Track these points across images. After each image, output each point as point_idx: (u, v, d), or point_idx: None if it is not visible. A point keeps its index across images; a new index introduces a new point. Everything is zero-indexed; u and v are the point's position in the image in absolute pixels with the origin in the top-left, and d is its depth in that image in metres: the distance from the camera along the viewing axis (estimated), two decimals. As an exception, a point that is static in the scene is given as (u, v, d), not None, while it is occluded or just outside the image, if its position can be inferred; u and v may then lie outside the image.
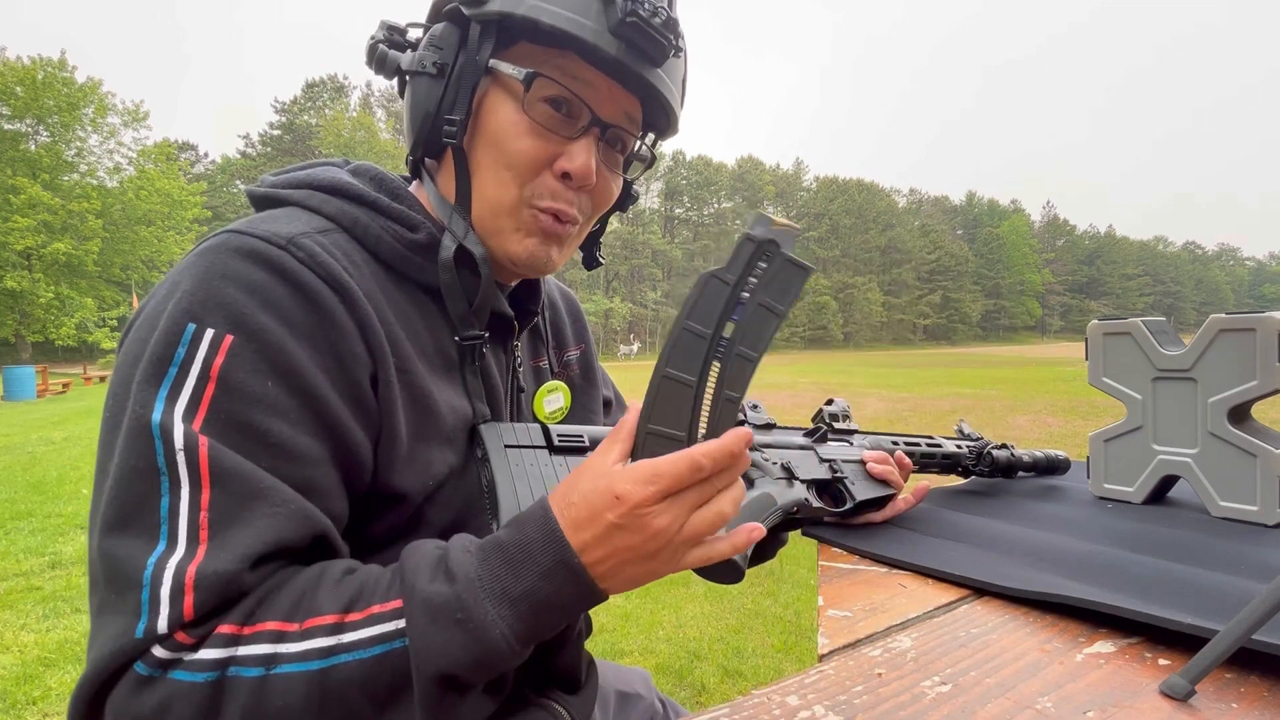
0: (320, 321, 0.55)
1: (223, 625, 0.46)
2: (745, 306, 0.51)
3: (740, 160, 68.18)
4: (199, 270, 0.53)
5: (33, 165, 26.57)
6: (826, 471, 0.81)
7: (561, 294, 0.93)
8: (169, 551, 0.46)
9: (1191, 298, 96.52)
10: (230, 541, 0.47)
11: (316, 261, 0.56)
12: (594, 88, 0.63)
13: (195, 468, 0.48)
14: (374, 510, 0.60)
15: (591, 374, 0.89)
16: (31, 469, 6.15)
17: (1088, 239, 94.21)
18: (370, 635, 0.46)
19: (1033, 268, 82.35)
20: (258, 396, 0.51)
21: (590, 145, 0.64)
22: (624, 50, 0.60)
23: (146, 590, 0.45)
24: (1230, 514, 0.89)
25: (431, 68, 0.62)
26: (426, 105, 0.62)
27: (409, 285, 0.65)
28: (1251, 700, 0.49)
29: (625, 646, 2.68)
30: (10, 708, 2.24)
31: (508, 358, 0.74)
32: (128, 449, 0.49)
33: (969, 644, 0.58)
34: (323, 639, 0.46)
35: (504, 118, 0.63)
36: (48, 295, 25.46)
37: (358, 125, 43.11)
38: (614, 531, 0.48)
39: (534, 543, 0.48)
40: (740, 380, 0.52)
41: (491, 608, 0.46)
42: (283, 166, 0.71)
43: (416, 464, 0.60)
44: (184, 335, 0.51)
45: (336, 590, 0.49)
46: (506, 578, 0.48)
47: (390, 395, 0.59)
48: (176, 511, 0.47)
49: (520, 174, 0.63)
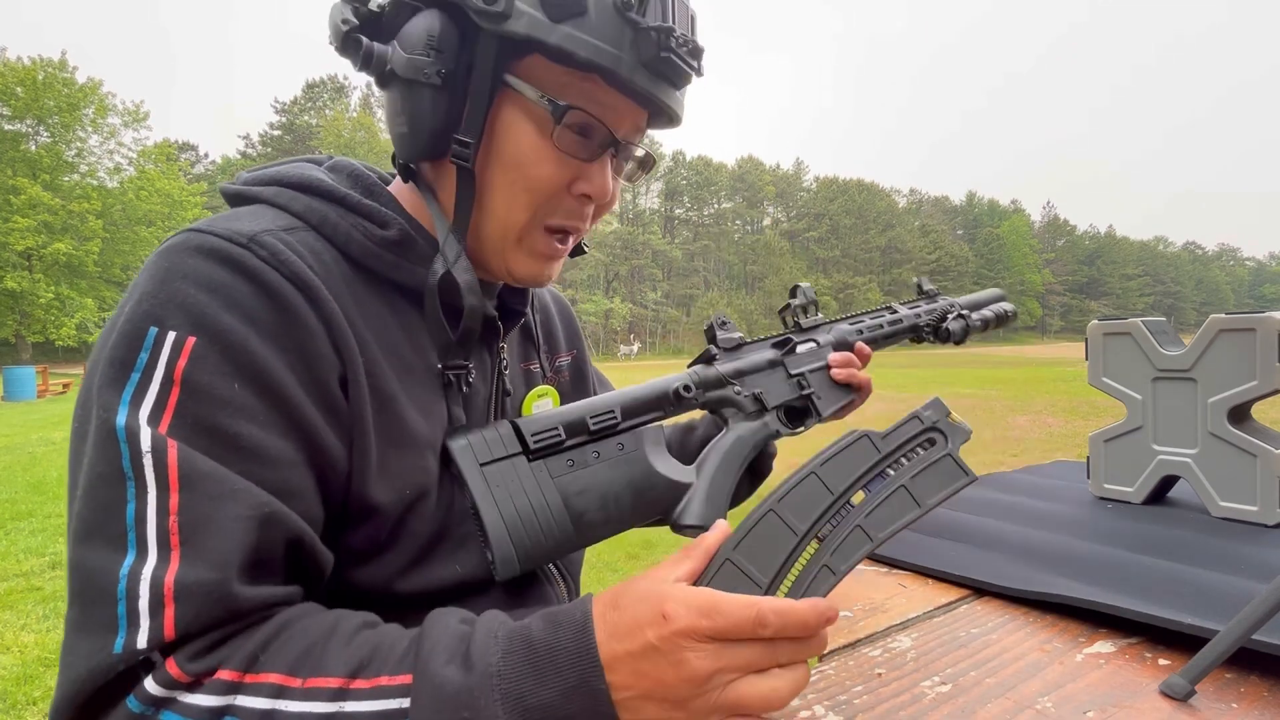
0: (285, 320, 0.53)
1: (224, 670, 0.44)
2: (886, 483, 0.49)
3: (740, 160, 68.17)
4: (159, 271, 0.51)
5: (33, 165, 26.58)
6: (795, 389, 0.82)
7: (554, 298, 0.91)
8: (141, 560, 0.44)
9: (1191, 298, 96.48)
10: (205, 548, 0.45)
11: (279, 259, 0.54)
12: (615, 111, 0.61)
13: (163, 471, 0.46)
14: (351, 522, 0.57)
15: (583, 382, 0.88)
16: (32, 469, 6.16)
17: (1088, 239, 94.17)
18: (373, 710, 0.43)
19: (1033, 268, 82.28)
20: (225, 399, 0.49)
21: (606, 164, 0.63)
22: (652, 81, 0.59)
23: (123, 604, 0.43)
24: (1230, 514, 0.89)
25: (436, 77, 0.56)
26: (430, 121, 0.58)
27: (381, 284, 0.62)
28: (1251, 700, 0.49)
29: (625, 647, 2.67)
30: (10, 708, 2.24)
31: (493, 359, 0.72)
32: (95, 455, 0.47)
33: (969, 644, 0.58)
34: (324, 704, 0.43)
35: (526, 144, 0.60)
36: (48, 295, 25.46)
37: (358, 126, 43.12)
38: (649, 654, 0.43)
39: (564, 652, 0.44)
40: (849, 556, 0.48)
41: (502, 712, 0.42)
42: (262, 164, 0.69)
43: (389, 473, 0.58)
44: (146, 338, 0.49)
45: (348, 649, 0.46)
46: (526, 682, 0.43)
47: (360, 397, 0.56)
48: (144, 518, 0.45)
49: (538, 198, 0.61)
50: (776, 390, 0.81)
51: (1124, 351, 1.00)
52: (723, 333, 0.81)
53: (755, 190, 66.33)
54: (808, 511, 0.48)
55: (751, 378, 0.80)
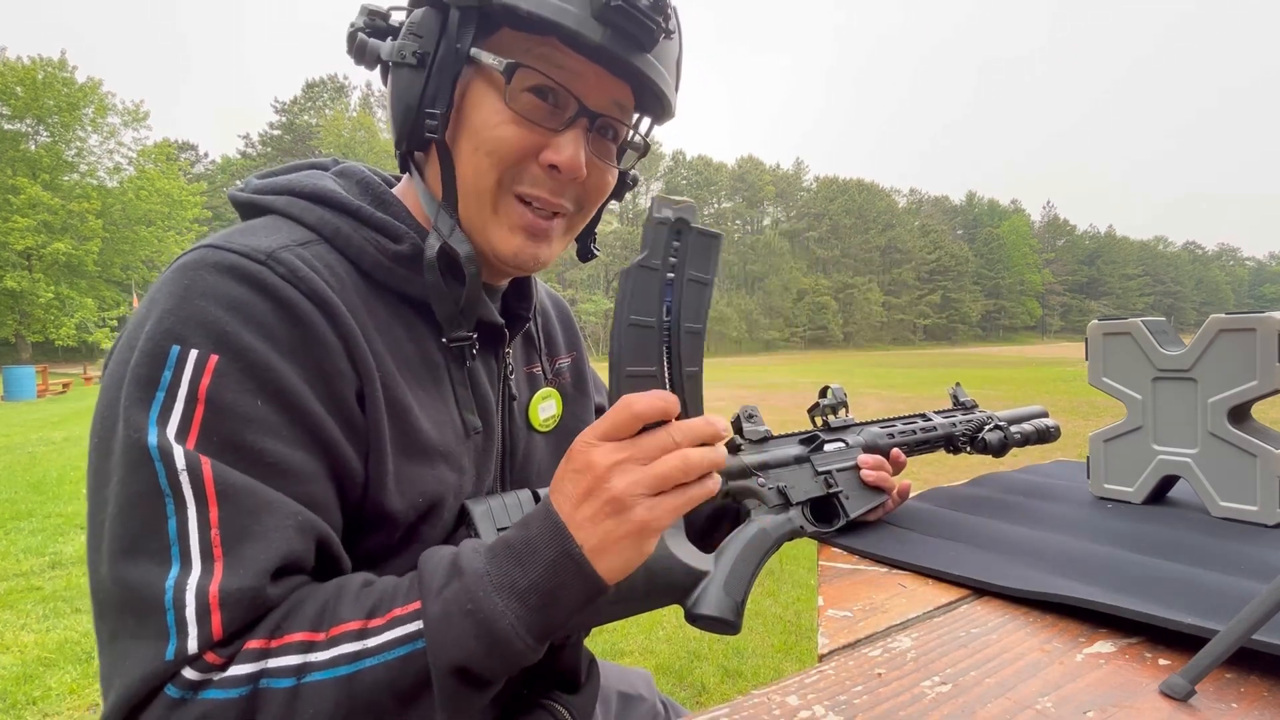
0: (304, 338, 0.54)
1: (251, 641, 0.46)
2: (675, 286, 0.52)
3: (740, 160, 68.18)
4: (178, 288, 0.52)
5: (33, 165, 26.58)
6: (822, 486, 0.82)
7: (553, 301, 0.92)
8: (185, 573, 0.46)
9: (1191, 298, 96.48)
10: (245, 557, 0.47)
11: (298, 276, 0.55)
12: (580, 76, 0.60)
13: (200, 487, 0.47)
14: (366, 528, 0.59)
15: (583, 383, 0.89)
16: (31, 469, 6.16)
17: (1088, 239, 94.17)
18: (393, 637, 0.47)
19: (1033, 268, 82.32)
20: (249, 416, 0.50)
21: (578, 136, 0.62)
22: (610, 36, 0.58)
23: (171, 614, 0.45)
24: (1230, 514, 0.89)
25: (411, 58, 0.59)
26: (408, 98, 0.60)
27: (392, 297, 0.63)
28: (1251, 700, 0.49)
29: (626, 646, 2.68)
30: (10, 708, 2.24)
31: (499, 365, 0.72)
32: (127, 475, 0.48)
33: (969, 644, 0.58)
34: (349, 644, 0.46)
35: (487, 110, 0.60)
36: (48, 295, 25.46)
37: (358, 125, 43.12)
38: (579, 483, 0.49)
39: (539, 538, 0.49)
40: (695, 354, 0.54)
41: (499, 600, 0.47)
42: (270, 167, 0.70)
43: (404, 482, 0.59)
44: (169, 357, 0.49)
45: (358, 600, 0.49)
46: (514, 572, 0.48)
47: (377, 411, 0.58)
48: (186, 532, 0.47)
49: (499, 160, 0.61)
50: (802, 486, 0.81)
51: (1124, 351, 1.00)
52: (749, 425, 0.82)
53: (755, 190, 66.32)
54: (648, 353, 0.52)
55: (776, 471, 0.81)
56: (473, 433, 0.67)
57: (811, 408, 0.90)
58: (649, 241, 0.51)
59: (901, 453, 0.91)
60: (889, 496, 0.87)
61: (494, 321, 0.70)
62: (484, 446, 0.69)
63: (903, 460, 0.91)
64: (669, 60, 0.65)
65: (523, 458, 0.75)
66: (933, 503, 0.99)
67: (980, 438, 1.00)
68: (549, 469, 0.78)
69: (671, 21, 0.62)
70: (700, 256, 0.53)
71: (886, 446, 0.91)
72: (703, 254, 0.53)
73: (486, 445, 0.69)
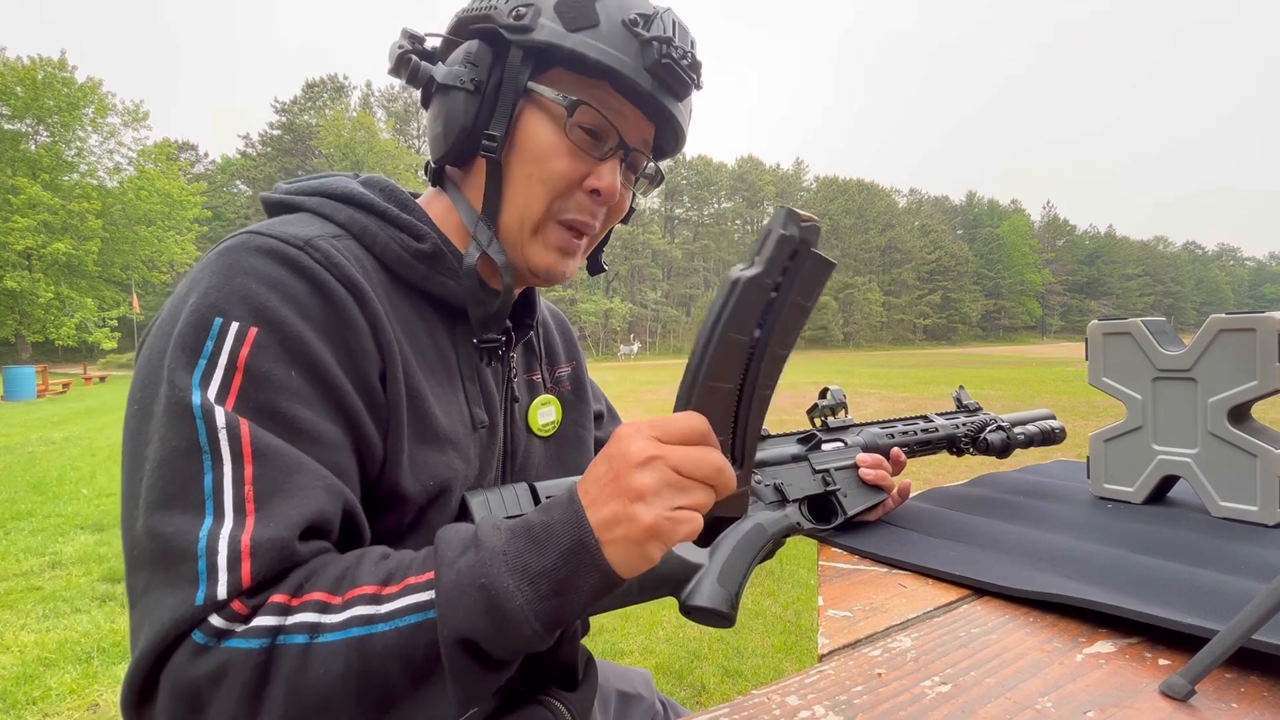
0: (336, 317, 0.58)
1: (276, 595, 0.48)
2: (776, 306, 0.50)
3: (740, 160, 68.16)
4: (222, 267, 0.56)
5: (33, 165, 26.56)
6: (819, 484, 0.82)
7: (553, 314, 0.96)
8: (218, 523, 0.48)
9: (1191, 298, 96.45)
10: (277, 512, 0.50)
11: (331, 261, 0.59)
12: (623, 115, 0.68)
13: (238, 445, 0.50)
14: (376, 510, 0.61)
15: (583, 390, 0.92)
16: (31, 469, 6.16)
17: (1088, 239, 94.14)
18: (405, 605, 0.48)
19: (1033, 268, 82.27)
20: (283, 384, 0.54)
21: (616, 166, 0.69)
22: (656, 86, 0.67)
23: (203, 560, 0.47)
24: (1230, 514, 0.89)
25: (470, 84, 0.66)
26: (463, 119, 0.66)
27: (412, 292, 0.68)
28: (1251, 700, 0.49)
29: (625, 646, 2.68)
30: (10, 708, 2.24)
31: (504, 368, 0.77)
32: (168, 431, 0.51)
33: (969, 644, 0.58)
34: (362, 608, 0.48)
35: (544, 138, 0.67)
36: (48, 295, 25.44)
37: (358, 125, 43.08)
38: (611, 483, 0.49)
39: (558, 524, 0.50)
40: (772, 377, 0.52)
41: (511, 581, 0.48)
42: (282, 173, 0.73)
43: (416, 465, 0.63)
44: (211, 327, 0.53)
45: (376, 568, 0.51)
46: (529, 554, 0.49)
47: (397, 393, 0.61)
48: (220, 487, 0.49)
49: (553, 190, 0.68)
50: (800, 484, 0.82)
51: (1124, 351, 1.00)
52: None
53: (755, 190, 66.31)
54: (732, 369, 0.50)
55: (774, 469, 0.81)
56: (479, 426, 0.70)
57: (810, 409, 0.91)
58: (767, 256, 0.48)
59: (901, 452, 0.91)
60: (888, 496, 0.87)
61: (503, 326, 0.74)
62: (488, 442, 0.72)
63: (903, 460, 0.91)
64: (690, 107, 0.75)
65: (522, 459, 0.78)
66: (933, 503, 0.99)
67: (983, 438, 1.00)
68: (546, 471, 0.80)
69: (700, 78, 0.71)
70: (810, 281, 0.50)
71: (886, 446, 0.91)
72: (813, 279, 0.50)
73: (490, 441, 0.72)
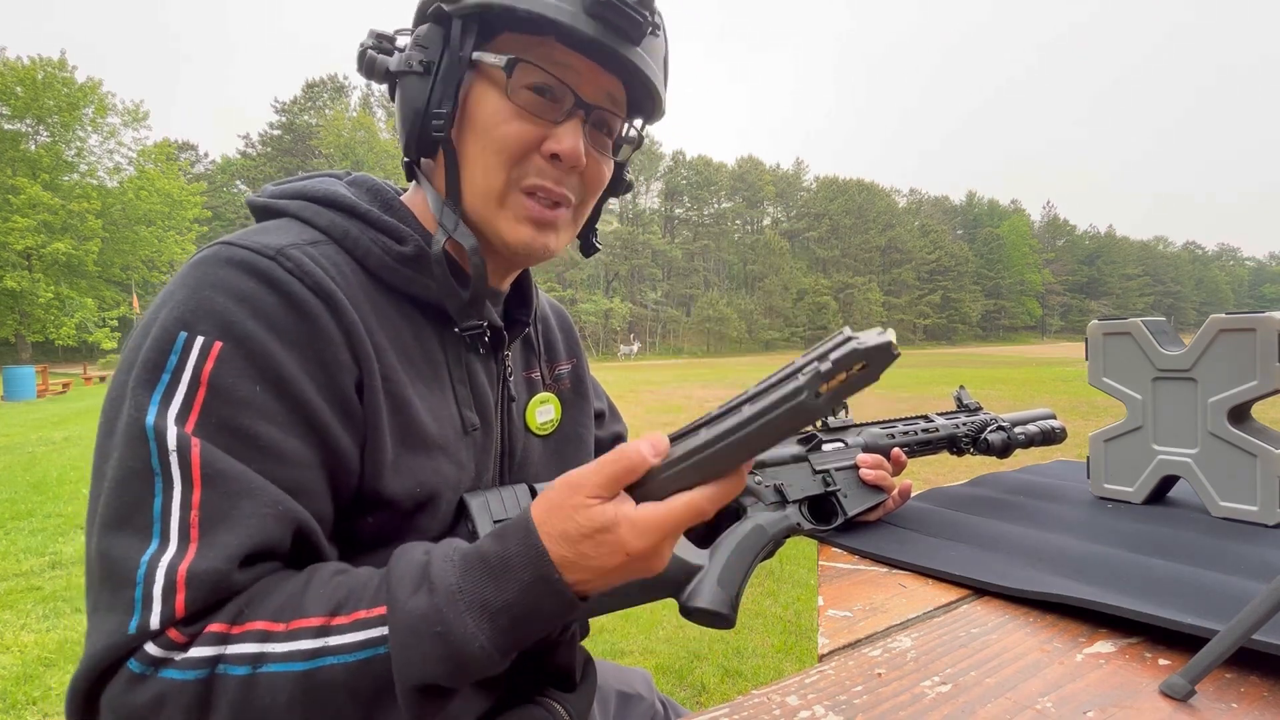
0: (307, 329, 0.57)
1: (213, 624, 0.47)
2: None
3: (740, 160, 68.11)
4: (191, 280, 0.56)
5: (33, 165, 26.55)
6: (820, 485, 0.82)
7: (553, 309, 0.94)
8: (161, 550, 0.48)
9: (1191, 298, 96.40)
10: (219, 540, 0.49)
11: (304, 271, 0.58)
12: (575, 71, 0.64)
13: (187, 468, 0.49)
14: (364, 512, 0.61)
15: (583, 388, 0.90)
16: (31, 469, 6.15)
17: (1088, 239, 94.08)
18: (355, 640, 0.47)
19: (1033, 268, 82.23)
20: (247, 401, 0.53)
21: (576, 127, 0.65)
22: (601, 30, 0.62)
23: (140, 588, 0.47)
24: (1230, 514, 0.89)
25: (418, 66, 0.63)
26: (415, 103, 0.64)
27: (396, 296, 0.66)
28: (1251, 700, 0.49)
29: (625, 646, 2.67)
30: (10, 708, 2.24)
31: (499, 367, 0.75)
32: (125, 450, 0.50)
33: (969, 644, 0.58)
34: (308, 641, 0.47)
35: (489, 106, 0.64)
36: (48, 295, 25.44)
37: (358, 125, 43.09)
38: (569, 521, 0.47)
39: (514, 556, 0.48)
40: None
41: (471, 621, 0.47)
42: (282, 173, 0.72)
43: (402, 471, 0.61)
44: (176, 342, 0.52)
45: (324, 592, 0.50)
46: (487, 590, 0.47)
47: (375, 402, 0.60)
48: (169, 511, 0.49)
49: (507, 157, 0.64)
50: (800, 484, 0.81)
51: (1124, 351, 1.00)
52: None
53: (755, 190, 66.28)
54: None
55: (774, 470, 0.81)
56: (471, 429, 0.69)
57: None
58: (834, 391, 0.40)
59: (902, 453, 0.91)
60: (889, 496, 0.87)
61: (495, 324, 0.72)
62: (483, 444, 0.71)
63: (903, 460, 0.91)
64: (656, 56, 0.69)
65: (521, 458, 0.77)
66: (933, 503, 0.99)
67: (983, 438, 1.00)
68: (546, 471, 0.79)
69: (657, 17, 0.66)
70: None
71: (886, 447, 0.91)
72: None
73: (485, 443, 0.71)
